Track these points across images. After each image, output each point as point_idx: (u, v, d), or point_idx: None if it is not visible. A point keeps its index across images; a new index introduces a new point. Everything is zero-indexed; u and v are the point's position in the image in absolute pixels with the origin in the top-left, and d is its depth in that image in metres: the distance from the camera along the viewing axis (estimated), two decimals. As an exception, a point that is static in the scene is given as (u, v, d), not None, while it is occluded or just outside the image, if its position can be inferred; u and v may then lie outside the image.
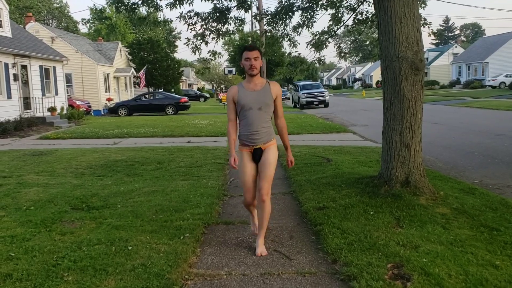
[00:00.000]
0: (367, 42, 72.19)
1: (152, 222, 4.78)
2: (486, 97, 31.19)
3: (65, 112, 21.33)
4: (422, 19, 9.46)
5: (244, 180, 4.09)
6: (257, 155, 4.05)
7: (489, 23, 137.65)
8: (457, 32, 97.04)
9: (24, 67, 19.07)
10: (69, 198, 5.94)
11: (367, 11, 9.60)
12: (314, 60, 11.05)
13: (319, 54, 10.62)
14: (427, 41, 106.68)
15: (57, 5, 65.18)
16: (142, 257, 3.80)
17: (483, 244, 3.97)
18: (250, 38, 31.30)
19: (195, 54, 9.52)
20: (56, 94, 22.01)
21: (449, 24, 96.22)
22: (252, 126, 3.97)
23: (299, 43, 10.22)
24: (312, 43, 10.23)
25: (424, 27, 9.51)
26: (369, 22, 9.56)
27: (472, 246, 3.90)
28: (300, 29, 9.76)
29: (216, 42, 9.30)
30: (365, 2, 9.28)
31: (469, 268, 3.45)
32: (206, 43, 9.18)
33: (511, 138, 11.49)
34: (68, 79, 27.73)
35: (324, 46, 10.33)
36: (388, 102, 5.56)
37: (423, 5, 9.35)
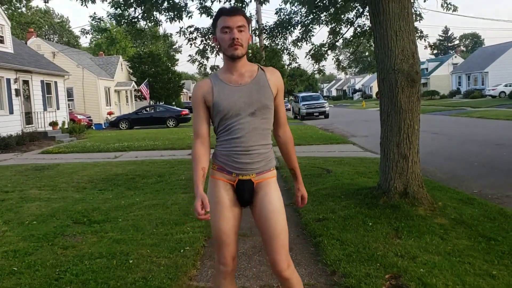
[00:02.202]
0: (366, 54, 72.61)
1: (152, 236, 4.82)
2: (486, 107, 31.26)
3: (66, 126, 21.45)
4: (419, 31, 9.59)
5: (219, 228, 2.45)
6: (243, 193, 2.47)
7: (488, 33, 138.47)
8: (457, 42, 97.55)
9: (25, 82, 19.23)
10: (70, 212, 5.99)
11: (365, 24, 9.74)
12: (314, 71, 11.16)
13: (318, 65, 10.73)
14: (427, 52, 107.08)
15: (58, 20, 65.80)
16: (143, 270, 3.84)
17: (481, 254, 4.00)
18: (250, 51, 31.51)
19: (201, 70, 9.64)
20: (58, 108, 22.15)
21: (449, 34, 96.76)
22: (242, 141, 2.41)
23: (298, 57, 10.33)
24: (311, 54, 10.33)
25: (420, 39, 9.63)
26: (367, 35, 9.68)
27: (469, 256, 3.93)
28: (299, 43, 9.89)
29: (216, 56, 9.42)
30: (362, 15, 9.42)
31: (466, 278, 3.48)
32: (207, 58, 9.30)
33: (511, 148, 11.53)
34: (70, 94, 27.91)
35: (323, 58, 10.45)
36: (385, 114, 5.63)
37: (419, 18, 9.48)
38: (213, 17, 2.45)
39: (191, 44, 9.25)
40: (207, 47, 9.25)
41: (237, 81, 2.44)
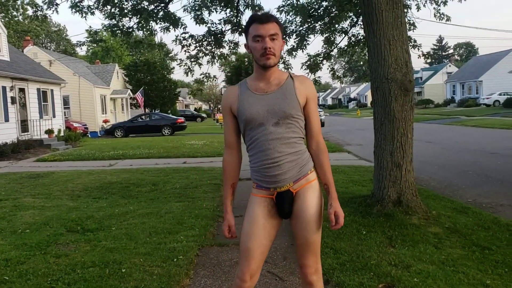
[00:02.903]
0: (361, 63, 72.92)
1: (146, 245, 4.79)
2: (480, 116, 31.43)
3: (62, 134, 21.39)
4: (412, 40, 9.66)
5: (247, 246, 2.40)
6: (285, 204, 2.41)
7: (481, 42, 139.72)
8: (451, 51, 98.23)
9: (22, 90, 19.19)
10: (64, 221, 5.95)
11: (359, 33, 9.80)
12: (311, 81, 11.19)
13: (314, 75, 10.78)
14: (421, 61, 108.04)
15: (55, 29, 65.88)
16: (136, 279, 3.81)
17: (475, 263, 4.00)
18: (246, 59, 31.66)
19: (187, 75, 9.66)
20: (54, 116, 22.10)
21: (443, 44, 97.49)
22: (267, 153, 2.34)
23: (292, 67, 10.36)
24: (307, 64, 10.38)
25: (414, 48, 9.70)
26: (361, 44, 9.74)
27: (463, 265, 3.94)
28: (294, 52, 9.93)
29: (212, 65, 9.44)
30: (357, 25, 9.48)
31: (460, 287, 3.48)
32: (200, 65, 9.31)
33: (505, 157, 11.58)
34: (66, 102, 27.88)
35: (319, 68, 10.49)
36: (379, 123, 5.65)
37: (412, 28, 9.56)
38: (245, 23, 2.40)
39: (185, 51, 9.27)
40: (200, 53, 9.26)
41: (263, 89, 2.38)
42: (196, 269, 4.20)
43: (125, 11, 8.65)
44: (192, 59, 9.21)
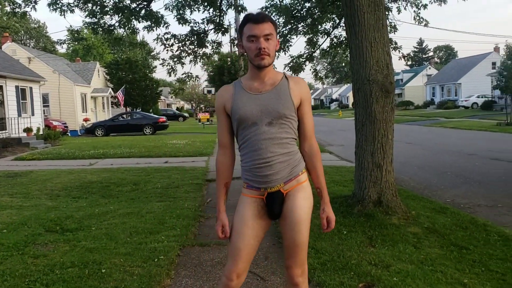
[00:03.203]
0: (343, 64, 73.47)
1: (126, 245, 4.75)
2: (459, 118, 32.00)
3: (41, 132, 21.04)
4: (393, 43, 9.77)
5: (235, 246, 2.41)
6: (275, 205, 2.41)
7: (461, 45, 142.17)
8: (431, 54, 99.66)
9: (-1, 87, 18.85)
10: (43, 221, 5.86)
11: (341, 34, 9.88)
12: None
13: (297, 76, 10.81)
14: (402, 63, 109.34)
15: (35, 25, 64.76)
16: (116, 280, 3.78)
17: (453, 262, 4.07)
18: (229, 59, 31.62)
19: (170, 75, 9.61)
20: (33, 114, 21.74)
21: (423, 46, 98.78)
22: (259, 153, 2.33)
23: (276, 68, 10.34)
24: (290, 65, 10.42)
25: (395, 51, 9.82)
26: (343, 46, 9.81)
27: (442, 265, 4.00)
28: (277, 53, 9.95)
29: (194, 65, 9.40)
30: (339, 26, 9.55)
31: (438, 286, 3.54)
32: (182, 64, 9.27)
33: (483, 158, 11.81)
34: (45, 100, 27.45)
35: (302, 70, 10.54)
36: (360, 124, 5.71)
37: (393, 30, 9.68)
38: (240, 23, 2.39)
39: (167, 50, 9.22)
40: (183, 53, 9.22)
41: (258, 89, 2.38)
42: (177, 269, 4.18)
43: (106, 9, 8.56)
44: (175, 59, 9.16)
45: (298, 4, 9.32)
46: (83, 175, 10.16)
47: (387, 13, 8.90)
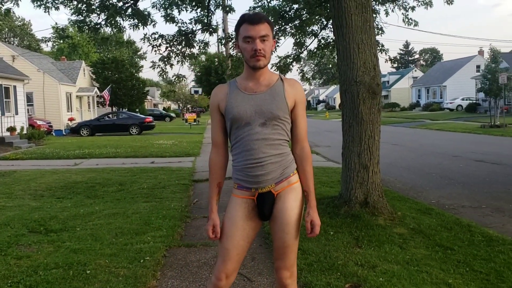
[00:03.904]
0: (330, 66, 73.84)
1: (111, 246, 4.70)
2: (444, 120, 32.38)
3: (25, 132, 20.74)
4: (380, 45, 9.84)
5: (225, 247, 2.41)
6: (266, 206, 2.40)
7: (446, 48, 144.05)
8: (417, 56, 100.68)
9: (-18, 85, 18.54)
10: (26, 221, 5.77)
11: (328, 36, 9.93)
12: None
13: (284, 76, 10.82)
14: (388, 65, 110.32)
15: (19, 23, 63.91)
16: (101, 281, 3.73)
17: (438, 263, 4.11)
18: (216, 59, 31.61)
19: (162, 78, 9.56)
20: (16, 113, 21.42)
21: (409, 49, 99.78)
22: (252, 153, 2.33)
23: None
24: (277, 66, 10.43)
25: (381, 53, 9.90)
26: (331, 47, 9.85)
27: (427, 265, 4.03)
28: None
29: (182, 65, 9.36)
30: (326, 28, 9.59)
31: (424, 287, 3.57)
32: (171, 65, 9.23)
33: (467, 160, 11.95)
34: (29, 99, 27.05)
35: (289, 70, 10.56)
36: (347, 125, 5.73)
37: (380, 32, 9.75)
38: (236, 22, 2.36)
39: (155, 51, 9.17)
40: (171, 54, 9.17)
41: (252, 89, 2.37)
42: (163, 270, 4.15)
43: (93, 7, 8.47)
44: (165, 60, 9.11)
45: (286, 6, 9.34)
46: (67, 175, 10.04)
47: (374, 15, 8.97)
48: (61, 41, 50.30)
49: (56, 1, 8.19)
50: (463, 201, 7.16)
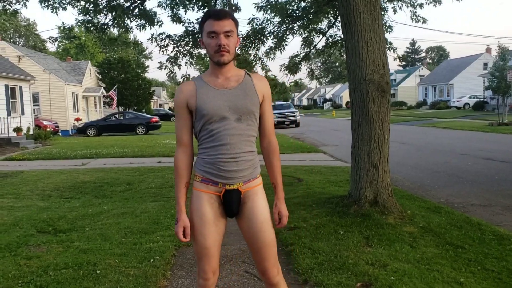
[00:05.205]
0: (337, 64, 73.70)
1: (121, 245, 4.70)
2: (451, 118, 32.18)
3: (31, 132, 20.84)
4: (388, 43, 9.79)
5: (201, 243, 2.37)
6: (231, 205, 2.38)
7: (453, 46, 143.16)
8: (423, 54, 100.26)
9: (-11, 86, 18.64)
10: (35, 221, 5.79)
11: (336, 34, 9.89)
12: (291, 83, 11.21)
13: (294, 76, 10.80)
14: (395, 63, 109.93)
15: (25, 23, 64.22)
16: (111, 281, 3.73)
17: (449, 261, 4.07)
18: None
19: (171, 79, 9.57)
20: (23, 114, 21.53)
21: (416, 47, 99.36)
22: (228, 148, 2.30)
23: (270, 70, 10.34)
24: (286, 66, 10.38)
25: (390, 51, 9.84)
26: (339, 45, 9.81)
27: (438, 264, 4.00)
28: (272, 54, 9.91)
29: (190, 65, 9.36)
30: (334, 26, 9.55)
31: (435, 285, 3.53)
32: (179, 66, 9.23)
33: (475, 158, 11.87)
34: (35, 99, 27.20)
35: (298, 69, 10.51)
36: (356, 123, 5.70)
37: (389, 30, 9.70)
38: (200, 18, 2.36)
39: (162, 51, 9.17)
40: (178, 54, 9.17)
41: (222, 85, 2.34)
42: (173, 270, 4.14)
43: (100, 7, 8.48)
44: (172, 60, 9.11)
45: (293, 4, 9.31)
46: (75, 175, 10.07)
47: (382, 13, 8.92)
48: (67, 41, 50.51)
49: (64, 2, 8.21)
50: (472, 200, 7.11)
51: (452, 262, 4.05)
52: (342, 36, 6.30)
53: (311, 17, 9.16)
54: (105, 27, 8.78)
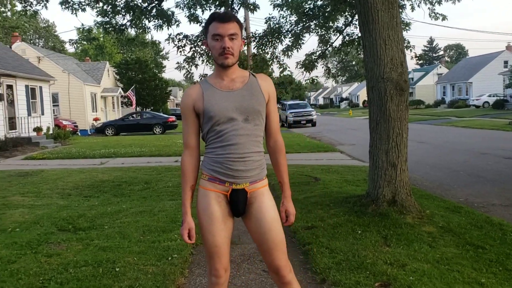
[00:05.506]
0: (354, 63, 73.22)
1: (139, 243, 4.74)
2: (470, 117, 31.69)
3: (51, 132, 21.17)
4: (406, 41, 9.69)
5: (211, 241, 2.39)
6: (237, 204, 2.39)
7: (472, 44, 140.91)
8: (441, 52, 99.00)
9: (9, 86, 18.96)
10: (55, 219, 5.87)
11: (353, 32, 9.82)
12: (307, 80, 11.18)
13: (309, 74, 10.76)
14: (412, 61, 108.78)
15: (44, 25, 65.22)
16: (130, 278, 3.77)
17: (469, 262, 4.01)
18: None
19: (188, 79, 9.64)
20: (42, 114, 21.88)
21: (433, 45, 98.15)
22: (237, 148, 2.32)
23: (289, 67, 10.29)
24: (302, 63, 10.35)
25: (407, 49, 9.73)
26: (355, 44, 9.75)
27: (458, 264, 3.94)
28: (289, 52, 9.89)
29: (207, 65, 9.40)
30: (351, 24, 9.49)
31: (455, 286, 3.49)
32: (196, 66, 9.28)
33: (496, 157, 11.67)
34: (55, 99, 27.61)
35: (314, 67, 10.48)
36: (374, 122, 5.65)
37: (406, 28, 9.60)
38: (206, 20, 2.38)
39: (180, 51, 9.23)
40: (195, 54, 9.22)
41: (228, 86, 2.36)
42: (191, 268, 4.17)
43: (118, 8, 8.57)
44: (189, 60, 9.17)
45: (310, 2, 9.27)
46: (94, 174, 10.20)
47: (400, 10, 8.84)
48: (87, 43, 51.17)
49: (83, 3, 8.32)
50: (493, 199, 6.99)
51: (472, 263, 3.99)
52: (359, 34, 6.26)
53: (327, 15, 9.12)
54: (123, 28, 8.87)
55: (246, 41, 11.77)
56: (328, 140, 19.65)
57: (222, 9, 9.01)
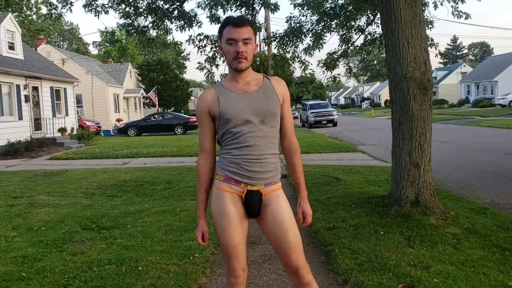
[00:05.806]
0: (375, 62, 72.48)
1: (162, 242, 4.79)
2: (495, 116, 31.02)
3: (75, 132, 21.56)
4: (429, 39, 9.53)
5: (228, 242, 2.39)
6: (253, 205, 2.40)
7: (497, 42, 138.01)
8: (465, 51, 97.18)
9: (35, 88, 19.38)
10: (79, 219, 5.97)
11: (375, 31, 9.72)
12: (329, 78, 11.09)
13: (331, 73, 10.68)
14: (435, 60, 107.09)
15: (68, 27, 66.45)
16: (152, 277, 3.80)
17: (495, 264, 3.92)
18: (258, 59, 31.69)
19: (209, 78, 9.68)
20: (67, 115, 22.29)
21: (457, 43, 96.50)
22: (254, 149, 2.34)
23: (311, 64, 10.23)
24: (323, 62, 10.29)
25: (431, 47, 9.59)
26: (377, 43, 9.64)
27: (484, 266, 3.86)
28: (311, 50, 9.84)
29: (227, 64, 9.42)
30: (373, 23, 9.40)
31: (482, 289, 3.42)
32: (217, 66, 9.32)
33: (522, 157, 11.40)
34: (79, 100, 28.10)
35: (336, 66, 10.40)
36: (397, 122, 5.58)
37: (430, 26, 9.44)
38: (220, 24, 2.40)
39: (201, 52, 9.28)
40: (216, 54, 9.27)
41: (243, 89, 2.39)
42: (213, 267, 4.18)
43: (140, 10, 8.67)
44: (210, 60, 9.21)
45: (331, 2, 9.22)
46: (117, 174, 10.33)
47: (423, 8, 8.71)
48: (110, 45, 51.91)
49: (106, 6, 8.43)
50: (520, 201, 6.83)
51: (499, 265, 3.90)
52: (381, 33, 6.18)
53: (348, 14, 9.04)
54: (145, 29, 8.96)
55: (266, 41, 11.80)
56: (350, 140, 19.49)
57: (237, 12, 9.04)
